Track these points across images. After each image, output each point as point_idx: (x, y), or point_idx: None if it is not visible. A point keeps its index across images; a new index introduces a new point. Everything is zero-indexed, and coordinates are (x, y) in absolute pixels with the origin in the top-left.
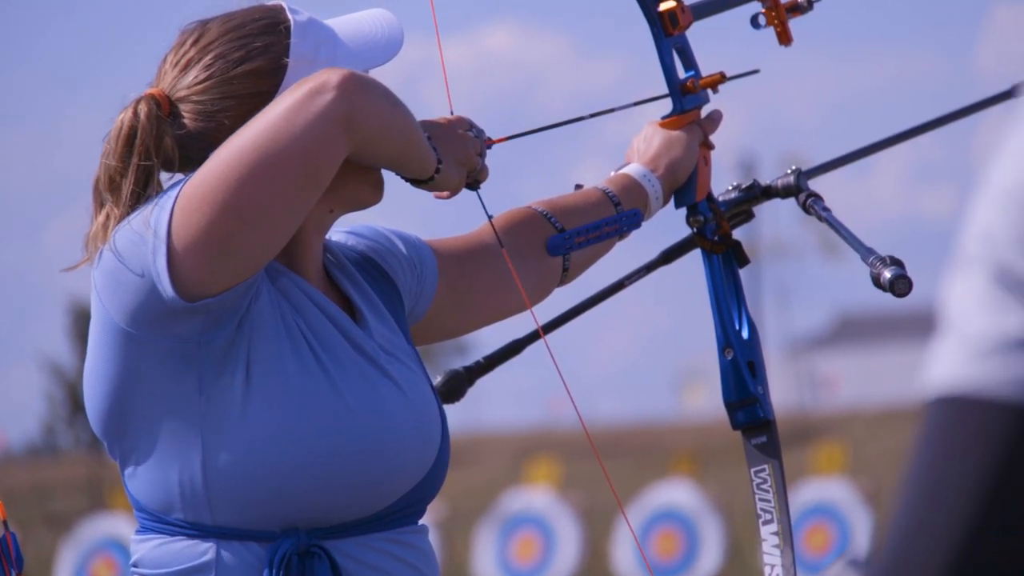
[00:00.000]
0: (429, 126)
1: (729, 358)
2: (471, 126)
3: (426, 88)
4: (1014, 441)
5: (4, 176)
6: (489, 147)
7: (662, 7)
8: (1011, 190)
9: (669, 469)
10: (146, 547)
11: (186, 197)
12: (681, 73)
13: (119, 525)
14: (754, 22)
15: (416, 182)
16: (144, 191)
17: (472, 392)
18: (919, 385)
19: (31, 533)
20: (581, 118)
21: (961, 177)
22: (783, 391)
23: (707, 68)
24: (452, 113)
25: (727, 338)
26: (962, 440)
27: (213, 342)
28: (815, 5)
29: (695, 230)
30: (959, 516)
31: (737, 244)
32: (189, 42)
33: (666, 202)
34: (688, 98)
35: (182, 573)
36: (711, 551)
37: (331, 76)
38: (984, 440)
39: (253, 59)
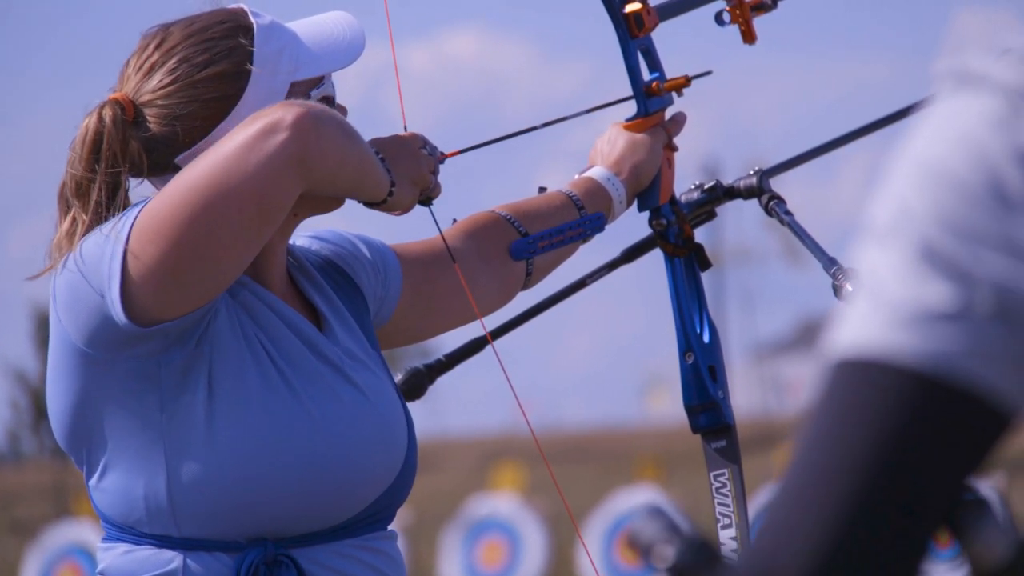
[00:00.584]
0: (382, 145)
1: (690, 362)
2: (424, 143)
3: (389, 94)
4: (920, 410)
5: None
6: (442, 162)
7: (628, 9)
8: (931, 166)
9: (634, 474)
10: (112, 555)
11: (140, 227)
12: (646, 75)
13: (84, 532)
14: (718, 19)
15: (370, 204)
16: (113, 198)
17: (438, 397)
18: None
19: None
20: (534, 128)
21: None
22: (747, 396)
23: (669, 68)
24: (406, 129)
25: (688, 342)
26: (866, 403)
27: (173, 361)
28: (779, 4)
29: (658, 233)
30: (851, 482)
31: (699, 247)
32: (152, 46)
33: (629, 205)
34: (652, 100)
35: None
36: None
37: (285, 114)
38: (889, 405)
39: (217, 62)
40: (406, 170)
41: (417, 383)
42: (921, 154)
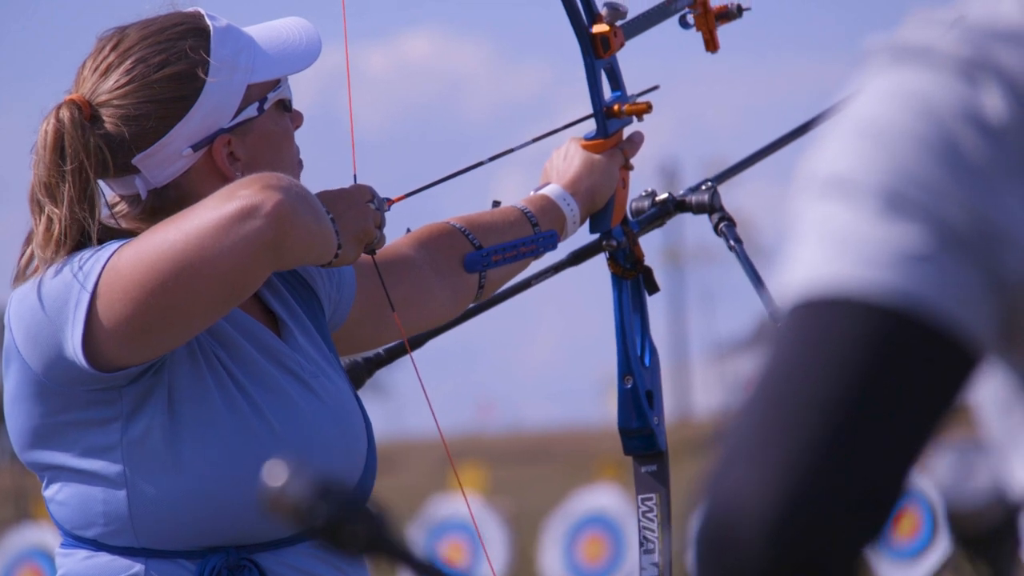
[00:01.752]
0: (329, 202)
1: (628, 386)
2: (373, 195)
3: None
4: (893, 346)
5: None
6: (388, 210)
7: (595, 29)
8: (881, 124)
9: (595, 474)
10: (72, 560)
11: (109, 282)
12: (607, 93)
13: (45, 535)
14: (683, 22)
15: (314, 265)
16: (85, 195)
17: (398, 398)
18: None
19: None
20: (480, 163)
21: None
22: (708, 395)
23: (628, 73)
24: (355, 179)
25: (628, 366)
26: (836, 338)
27: (133, 388)
28: (744, 14)
29: (608, 255)
30: (824, 414)
31: (648, 271)
32: (108, 48)
33: (582, 224)
34: (612, 122)
35: None
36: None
37: (265, 200)
38: (860, 340)
39: (174, 63)
40: (352, 228)
41: (355, 375)
42: (868, 115)
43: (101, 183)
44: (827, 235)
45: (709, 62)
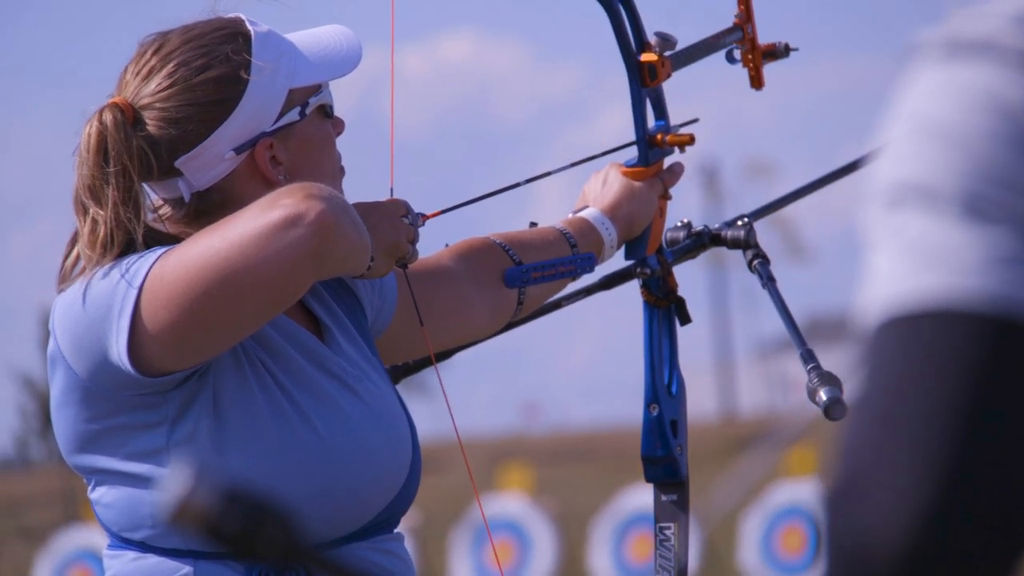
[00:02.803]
0: (365, 213)
1: (654, 414)
2: (407, 211)
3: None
4: (998, 352)
5: None
6: (423, 225)
7: (643, 58)
8: (950, 126)
9: (641, 473)
10: (120, 562)
11: (153, 289)
12: (651, 122)
13: (94, 537)
14: (730, 57)
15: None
16: (129, 198)
17: (443, 399)
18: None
19: (6, 546)
20: (517, 184)
21: None
22: (752, 395)
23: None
24: (392, 193)
25: (655, 394)
26: (941, 351)
27: (178, 393)
28: (791, 53)
29: (642, 283)
30: (945, 427)
31: (681, 301)
32: (150, 52)
33: (619, 249)
34: (654, 151)
35: None
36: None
37: (309, 209)
38: (967, 351)
39: (216, 66)
40: (385, 241)
41: None
42: (933, 114)
43: (145, 186)
44: (908, 245)
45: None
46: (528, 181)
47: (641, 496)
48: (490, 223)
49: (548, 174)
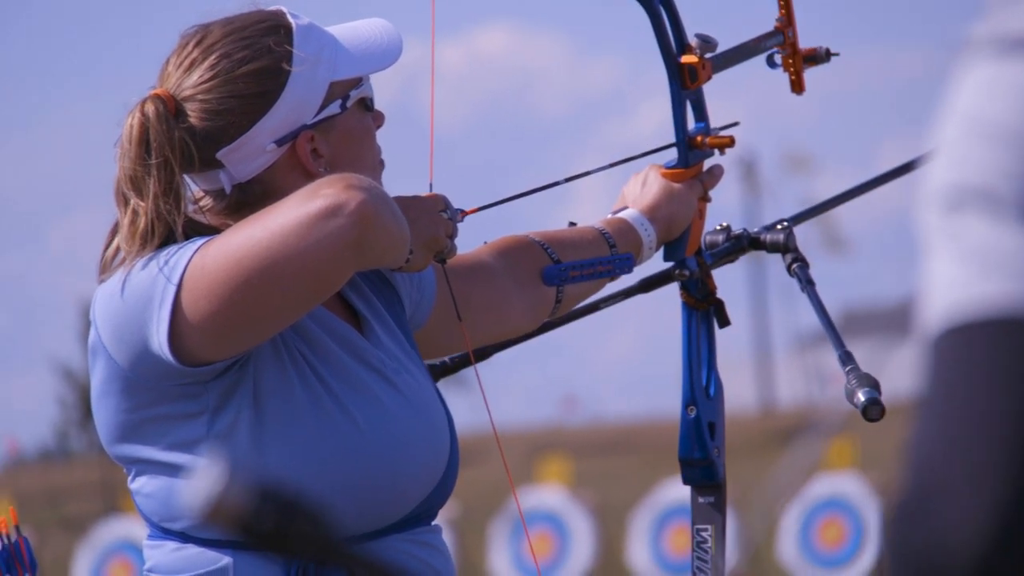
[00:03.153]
0: (404, 207)
1: (691, 416)
2: (446, 205)
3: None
4: None
5: (5, 180)
6: (462, 220)
7: (684, 59)
8: (1004, 128)
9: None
10: (160, 552)
11: (193, 278)
12: (691, 123)
13: (134, 527)
14: (770, 62)
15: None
16: (170, 188)
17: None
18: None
19: (46, 537)
20: (556, 183)
21: None
22: (791, 387)
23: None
24: (432, 188)
25: (693, 396)
26: (1004, 365)
27: (218, 383)
28: (832, 58)
29: (680, 284)
30: (1010, 449)
31: (720, 303)
32: (192, 44)
33: (657, 251)
34: (694, 153)
35: None
36: (727, 545)
37: (349, 199)
38: None
39: (258, 58)
40: (423, 235)
41: None
42: (987, 116)
43: (186, 178)
44: (968, 251)
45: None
46: (567, 180)
47: (680, 489)
48: (527, 219)
49: (587, 173)
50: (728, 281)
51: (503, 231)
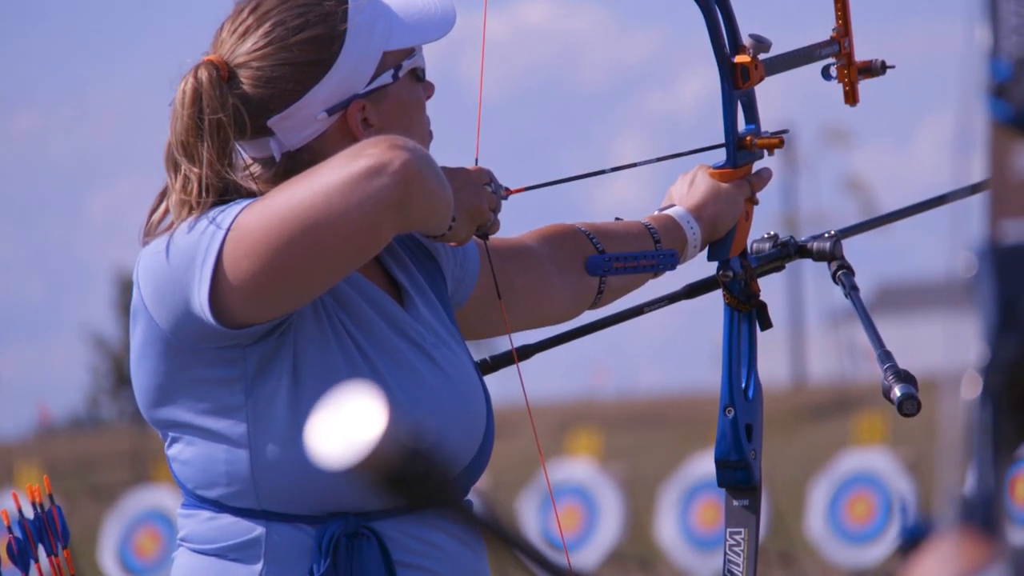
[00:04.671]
0: (451, 177)
1: (730, 417)
2: (491, 179)
3: (464, 62)
4: None
5: (45, 148)
6: (506, 198)
7: (737, 59)
8: None
9: (710, 439)
10: (194, 522)
11: (237, 238)
12: (741, 125)
13: (163, 497)
14: (825, 74)
15: (427, 235)
16: (223, 154)
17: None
18: (957, 355)
19: (75, 505)
20: (603, 171)
21: None
22: (824, 362)
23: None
24: (477, 162)
25: (731, 397)
26: None
27: (257, 349)
28: (887, 70)
29: (723, 285)
30: None
31: (763, 306)
32: (247, 10)
33: (702, 250)
34: (742, 153)
35: (231, 548)
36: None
37: (393, 159)
38: None
39: (312, 26)
40: (467, 205)
41: None
42: None
43: (236, 144)
44: None
45: (825, 24)
46: (613, 170)
47: (708, 463)
48: (569, 198)
49: (633, 165)
50: (755, 234)
51: (544, 208)
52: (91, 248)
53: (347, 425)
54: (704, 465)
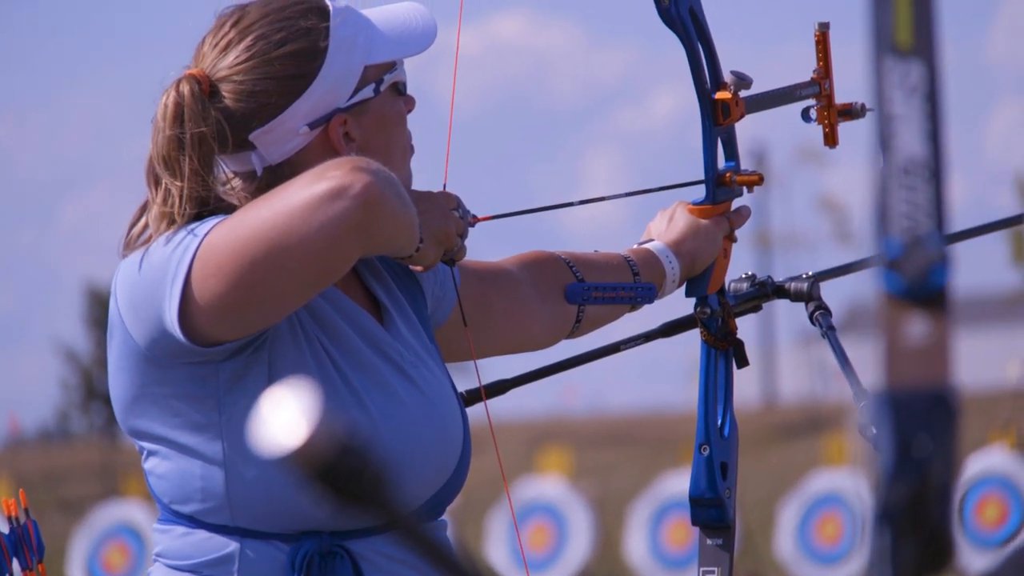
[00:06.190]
0: (418, 200)
1: (704, 455)
2: (458, 204)
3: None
4: None
5: (16, 158)
6: (472, 225)
7: (717, 96)
8: None
9: (681, 457)
10: (169, 537)
11: (205, 256)
12: (721, 162)
13: (132, 511)
14: (805, 116)
15: (394, 257)
16: (203, 168)
17: (484, 378)
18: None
19: (44, 518)
20: (571, 204)
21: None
22: (795, 382)
23: (720, 53)
24: (445, 186)
25: (707, 435)
26: None
27: (230, 364)
28: (867, 113)
29: (701, 322)
30: None
31: (739, 344)
32: (228, 24)
33: (679, 285)
34: (722, 190)
35: (205, 564)
36: None
37: (355, 181)
38: None
39: (295, 40)
40: (434, 228)
41: None
42: None
43: (218, 158)
44: None
45: (800, 44)
46: (581, 203)
47: (679, 482)
48: (542, 215)
49: (603, 199)
50: (733, 273)
51: (516, 226)
52: (62, 259)
53: (283, 418)
54: (675, 484)
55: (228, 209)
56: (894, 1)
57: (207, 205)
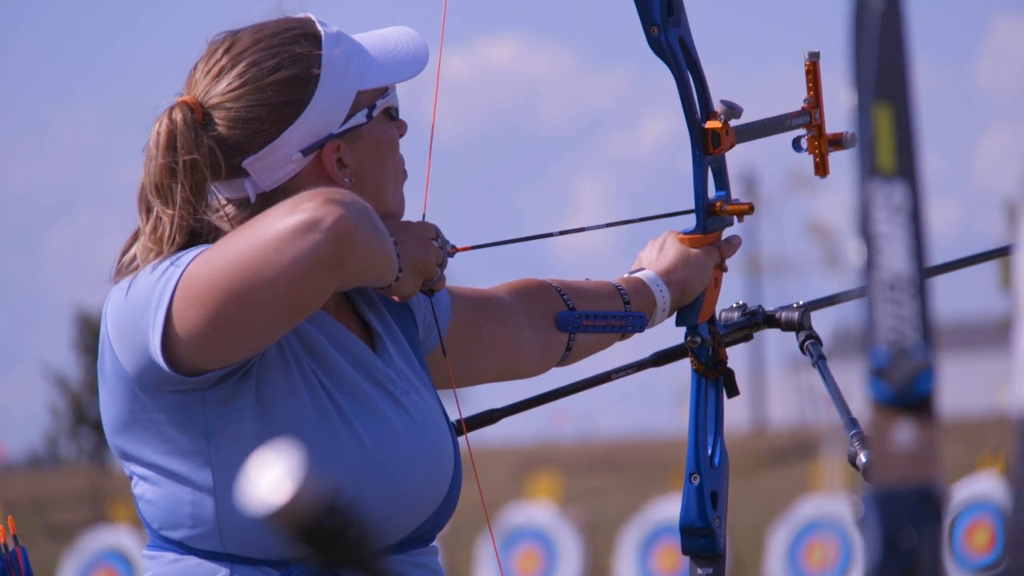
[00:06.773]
0: (396, 230)
1: (695, 484)
2: (437, 234)
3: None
4: None
5: (5, 184)
6: (452, 255)
7: (708, 125)
8: None
9: (670, 483)
10: (159, 564)
11: (185, 286)
12: (711, 191)
13: (121, 537)
14: (796, 145)
15: (373, 287)
16: (195, 196)
17: (474, 406)
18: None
19: (32, 544)
20: (551, 234)
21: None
22: (784, 407)
23: (710, 80)
24: (424, 216)
25: (697, 464)
26: None
27: (215, 392)
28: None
29: (691, 351)
30: None
31: (729, 373)
32: (220, 51)
33: (670, 315)
34: (712, 219)
35: None
36: None
37: (327, 214)
38: None
39: (286, 67)
40: (413, 259)
41: None
42: None
43: (211, 186)
44: None
45: (791, 68)
46: (561, 233)
47: (669, 506)
48: (524, 245)
49: (582, 229)
50: (724, 297)
51: (505, 257)
52: (51, 285)
53: (269, 478)
54: (665, 509)
55: (221, 236)
56: (876, 129)
57: (200, 233)
